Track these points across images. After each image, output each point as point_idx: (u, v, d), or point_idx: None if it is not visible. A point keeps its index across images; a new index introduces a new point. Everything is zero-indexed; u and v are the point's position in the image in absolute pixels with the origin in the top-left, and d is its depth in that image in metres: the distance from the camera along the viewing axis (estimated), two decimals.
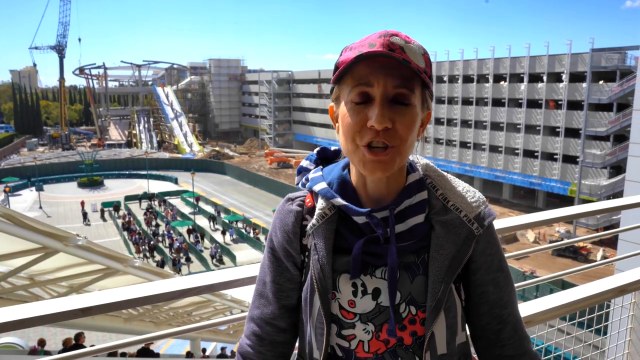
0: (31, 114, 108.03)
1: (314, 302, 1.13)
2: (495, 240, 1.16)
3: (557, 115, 42.86)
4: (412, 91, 1.03)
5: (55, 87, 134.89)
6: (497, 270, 1.15)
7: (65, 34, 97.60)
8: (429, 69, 1.07)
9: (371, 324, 1.10)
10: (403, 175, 1.14)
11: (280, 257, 1.21)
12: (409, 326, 1.10)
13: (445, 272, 1.08)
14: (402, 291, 1.09)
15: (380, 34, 1.03)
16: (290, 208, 1.21)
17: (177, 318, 12.23)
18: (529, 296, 22.35)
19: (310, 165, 1.26)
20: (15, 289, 8.01)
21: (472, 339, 1.22)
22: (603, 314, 2.65)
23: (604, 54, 38.80)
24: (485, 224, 1.12)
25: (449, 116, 53.24)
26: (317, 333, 1.13)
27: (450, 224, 1.11)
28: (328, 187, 1.15)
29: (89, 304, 1.49)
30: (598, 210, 2.72)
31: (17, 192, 50.70)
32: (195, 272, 28.45)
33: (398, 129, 1.02)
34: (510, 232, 2.22)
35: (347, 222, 1.14)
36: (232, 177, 62.19)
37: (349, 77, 1.05)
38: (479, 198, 1.15)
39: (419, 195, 1.13)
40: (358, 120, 1.03)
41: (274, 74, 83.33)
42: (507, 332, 1.16)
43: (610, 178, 37.90)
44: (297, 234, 1.19)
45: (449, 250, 1.09)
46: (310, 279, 1.14)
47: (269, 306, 1.23)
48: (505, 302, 1.16)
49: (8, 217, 5.57)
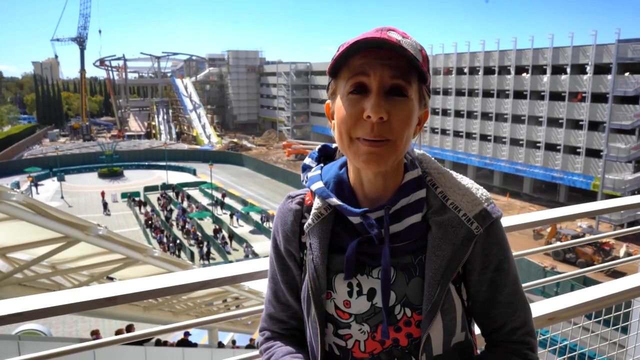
0: (53, 105, 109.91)
1: (310, 300, 1.13)
2: (497, 239, 1.11)
3: (580, 108, 42.05)
4: (409, 83, 1.01)
5: (76, 79, 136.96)
6: (495, 270, 1.10)
7: (86, 25, 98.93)
8: (426, 64, 1.05)
9: (366, 324, 1.09)
10: (400, 173, 1.12)
11: (284, 255, 1.21)
12: (404, 328, 1.08)
13: (442, 274, 1.05)
14: (397, 292, 1.08)
15: (377, 29, 1.02)
16: (290, 206, 1.21)
17: (195, 308, 12.39)
18: (549, 292, 22.11)
19: (312, 163, 1.25)
20: (38, 277, 8.19)
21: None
22: (631, 312, 2.60)
23: (631, 45, 37.77)
24: (486, 223, 1.08)
25: (469, 109, 52.65)
26: (313, 333, 1.14)
27: (448, 224, 1.07)
28: (324, 186, 1.14)
29: (115, 293, 1.51)
30: (622, 206, 2.66)
31: (40, 182, 51.65)
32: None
33: (393, 122, 1.00)
34: (532, 227, 2.18)
35: (343, 221, 1.12)
36: (249, 168, 62.53)
37: (344, 70, 1.04)
38: (482, 195, 1.11)
39: (417, 194, 1.10)
40: (354, 112, 1.01)
41: (292, 66, 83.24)
42: (498, 333, 1.14)
43: (635, 172, 37.14)
44: (297, 232, 1.18)
45: (446, 251, 1.06)
46: (307, 278, 1.13)
47: (288, 305, 1.24)
48: (497, 302, 1.11)
49: (31, 206, 5.68)
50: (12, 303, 1.42)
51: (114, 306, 7.73)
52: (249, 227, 37.85)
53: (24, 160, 64.04)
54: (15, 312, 1.38)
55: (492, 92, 49.82)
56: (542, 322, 2.12)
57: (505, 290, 1.11)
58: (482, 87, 50.81)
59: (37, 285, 8.44)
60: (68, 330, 19.29)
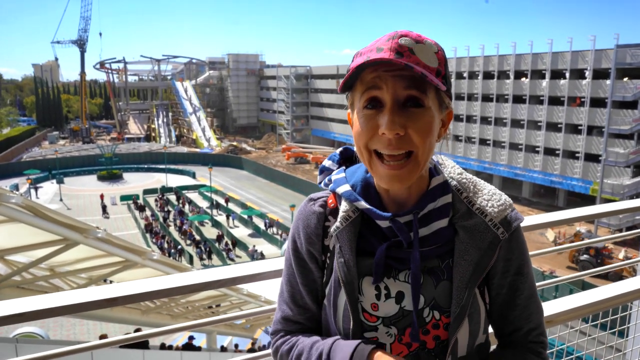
0: (52, 107, 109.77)
1: (338, 303, 1.13)
2: (519, 244, 1.14)
3: (579, 113, 42.08)
4: (425, 92, 0.99)
5: (76, 81, 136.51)
6: (515, 274, 1.14)
7: (87, 28, 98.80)
8: (443, 67, 1.03)
9: (394, 327, 1.10)
10: (426, 177, 1.12)
11: (305, 258, 1.20)
12: (432, 330, 1.09)
13: (469, 278, 1.07)
14: (425, 296, 1.09)
15: (389, 36, 1.01)
16: (313, 209, 1.20)
17: (194, 311, 12.37)
18: (547, 296, 22.08)
19: (332, 166, 1.24)
20: (36, 280, 8.18)
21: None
22: (627, 316, 2.61)
23: (629, 50, 37.81)
24: (511, 229, 1.11)
25: (468, 113, 52.66)
26: (345, 333, 1.13)
27: (474, 229, 1.10)
28: (351, 189, 1.13)
29: (115, 294, 1.51)
30: (619, 210, 2.67)
31: (39, 184, 51.54)
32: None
33: (412, 135, 0.99)
34: (530, 231, 2.18)
35: (370, 225, 1.13)
36: (249, 172, 62.46)
37: (358, 83, 1.03)
38: (505, 201, 1.13)
39: (443, 199, 1.12)
40: (369, 127, 1.01)
41: (292, 69, 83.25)
42: (516, 334, 1.17)
43: (633, 177, 37.10)
44: (320, 235, 1.18)
45: (473, 255, 1.08)
46: (335, 281, 1.13)
47: (306, 308, 1.23)
48: (516, 305, 1.15)
49: (30, 209, 5.68)
50: (14, 304, 1.42)
51: (113, 309, 7.74)
52: (248, 230, 37.81)
53: (23, 163, 63.92)
54: (17, 312, 1.39)
55: (491, 96, 49.84)
56: None
57: (524, 293, 1.15)
58: (482, 92, 50.84)
59: (35, 287, 8.43)
60: (66, 334, 19.22)
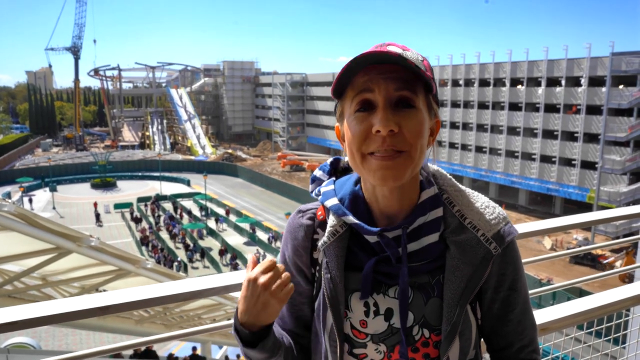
0: (46, 114, 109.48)
1: (327, 318, 1.11)
2: (513, 259, 1.12)
3: (575, 120, 42.32)
4: (415, 94, 1.01)
5: (70, 88, 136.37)
6: (508, 289, 1.11)
7: (81, 35, 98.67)
8: (431, 73, 1.05)
9: (383, 344, 1.08)
10: (416, 189, 1.10)
11: (292, 271, 1.19)
12: (421, 349, 1.07)
13: (460, 295, 1.05)
14: (415, 313, 1.07)
15: (376, 46, 1.02)
16: (301, 222, 1.19)
17: (188, 321, 12.27)
18: (545, 304, 22.02)
19: (323, 176, 1.23)
20: (28, 289, 8.10)
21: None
22: (622, 323, 2.60)
23: (625, 58, 38.08)
24: (504, 244, 1.08)
25: (464, 120, 52.89)
26: (331, 351, 1.12)
27: (466, 244, 1.07)
28: (339, 203, 1.12)
29: (107, 302, 1.50)
30: (615, 217, 2.67)
31: (31, 192, 51.25)
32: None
33: (405, 133, 0.99)
34: (527, 237, 2.18)
35: (358, 239, 1.11)
36: (244, 179, 62.38)
37: (349, 90, 1.04)
38: (499, 214, 1.11)
39: (434, 213, 1.09)
40: (362, 128, 1.01)
41: (288, 77, 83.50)
42: (508, 351, 1.15)
43: (630, 185, 37.24)
44: (308, 248, 1.17)
45: (465, 271, 1.06)
46: (323, 296, 1.12)
47: (284, 319, 1.22)
48: (508, 320, 1.12)
49: (22, 217, 5.63)
50: (5, 312, 1.40)
51: (106, 319, 7.66)
52: (243, 238, 37.68)
53: (16, 170, 63.51)
54: (9, 321, 1.37)
55: (487, 104, 50.12)
56: None
57: (516, 308, 1.12)
58: (478, 99, 51.12)
59: (27, 297, 8.34)
60: (58, 344, 19.03)
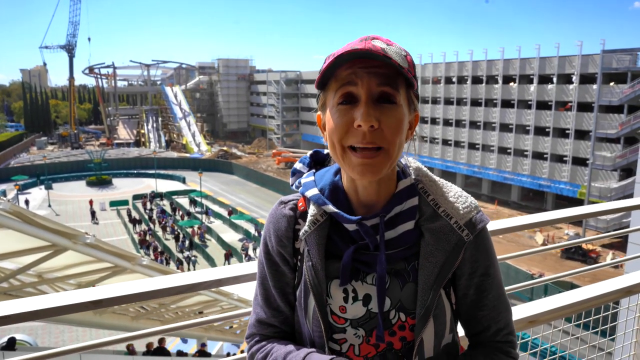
0: (41, 112, 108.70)
1: (309, 304, 1.14)
2: (485, 246, 1.16)
3: (567, 117, 42.55)
4: (397, 90, 1.03)
5: (64, 86, 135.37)
6: (482, 275, 1.15)
7: (75, 33, 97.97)
8: (413, 69, 1.07)
9: (362, 329, 1.11)
10: (394, 180, 1.14)
11: (277, 261, 1.21)
12: (398, 332, 1.11)
13: (434, 280, 1.09)
14: (392, 298, 1.10)
15: (361, 39, 1.04)
16: (283, 212, 1.21)
17: (184, 317, 12.29)
18: (536, 298, 22.15)
19: (303, 169, 1.26)
20: (24, 286, 8.09)
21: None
22: (609, 315, 2.63)
23: (615, 55, 38.43)
24: (476, 231, 1.12)
25: (457, 117, 53.03)
26: (317, 336, 1.14)
27: (440, 231, 1.11)
28: (319, 193, 1.15)
29: (100, 296, 1.51)
30: (605, 210, 2.70)
31: (27, 190, 51.00)
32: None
33: (384, 129, 1.01)
34: (517, 231, 2.21)
35: (338, 228, 1.14)
36: (239, 177, 62.28)
37: (332, 82, 1.05)
38: (471, 204, 1.15)
39: (410, 202, 1.13)
40: (344, 121, 1.03)
41: (282, 74, 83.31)
42: (484, 334, 1.18)
43: (620, 180, 37.49)
44: (290, 238, 1.19)
45: (439, 257, 1.10)
46: (305, 284, 1.14)
47: (279, 310, 1.23)
48: (483, 305, 1.16)
49: (18, 214, 5.63)
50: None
51: (102, 315, 7.66)
52: (239, 235, 37.68)
53: (11, 168, 63.16)
54: (3, 315, 1.38)
55: (480, 101, 50.25)
56: (522, 325, 2.14)
57: (491, 294, 1.16)
58: (470, 96, 51.22)
59: (22, 294, 8.34)
60: (54, 341, 19.00)
